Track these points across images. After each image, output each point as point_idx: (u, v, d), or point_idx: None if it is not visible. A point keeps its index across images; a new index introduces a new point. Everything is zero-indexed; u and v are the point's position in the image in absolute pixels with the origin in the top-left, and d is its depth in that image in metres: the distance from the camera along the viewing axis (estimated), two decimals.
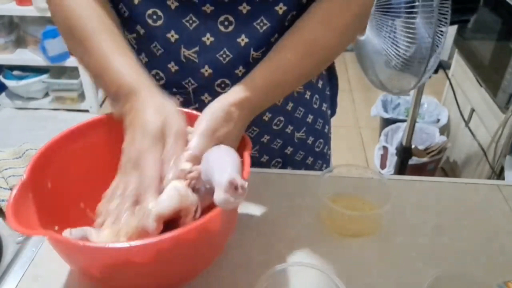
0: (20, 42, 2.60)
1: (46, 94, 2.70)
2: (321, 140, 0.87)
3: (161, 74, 0.72)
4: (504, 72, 1.55)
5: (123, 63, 0.61)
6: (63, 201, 0.57)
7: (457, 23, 1.38)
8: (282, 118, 0.78)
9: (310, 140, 0.84)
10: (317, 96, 0.82)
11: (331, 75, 0.87)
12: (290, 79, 0.66)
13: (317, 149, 0.87)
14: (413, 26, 1.14)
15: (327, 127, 0.88)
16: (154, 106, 0.57)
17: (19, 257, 0.63)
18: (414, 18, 1.14)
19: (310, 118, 0.82)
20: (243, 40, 0.67)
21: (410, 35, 1.15)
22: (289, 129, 0.80)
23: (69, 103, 2.67)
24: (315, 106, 0.82)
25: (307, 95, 0.80)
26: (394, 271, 0.62)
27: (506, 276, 0.59)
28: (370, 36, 1.24)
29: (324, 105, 0.85)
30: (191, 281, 0.57)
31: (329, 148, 0.91)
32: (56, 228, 0.53)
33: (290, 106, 0.78)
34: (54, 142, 0.58)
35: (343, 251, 0.65)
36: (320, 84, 0.82)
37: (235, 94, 0.61)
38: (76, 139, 0.61)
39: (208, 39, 0.67)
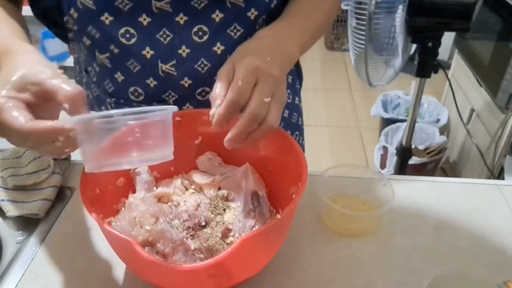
0: None
1: None
2: (297, 133, 0.89)
3: (140, 90, 0.71)
4: (504, 72, 1.55)
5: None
6: (106, 201, 0.62)
7: (454, 31, 1.38)
8: None
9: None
10: (289, 90, 0.83)
11: (299, 69, 0.88)
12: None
13: None
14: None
15: (300, 119, 0.90)
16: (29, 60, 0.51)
17: (19, 257, 0.63)
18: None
19: (286, 113, 0.83)
20: (219, 48, 0.68)
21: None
22: None
23: None
24: (289, 100, 0.83)
25: None
26: (394, 271, 0.62)
27: (506, 276, 0.59)
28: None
29: (296, 98, 0.87)
30: None
31: (303, 140, 0.93)
32: (101, 216, 0.55)
33: None
34: None
35: (343, 251, 0.65)
36: (290, 79, 0.83)
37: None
38: None
39: (184, 51, 0.67)
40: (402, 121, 2.18)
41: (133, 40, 0.66)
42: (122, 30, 0.65)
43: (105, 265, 0.62)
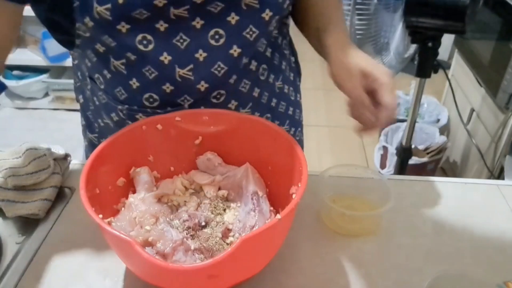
0: (20, 42, 2.60)
1: (46, 94, 2.70)
2: (299, 129, 0.90)
3: (155, 97, 0.70)
4: (504, 72, 1.55)
5: None
6: (106, 201, 0.61)
7: (449, 33, 1.37)
8: (269, 115, 0.80)
9: (292, 131, 0.86)
10: (291, 88, 0.84)
11: (298, 67, 0.89)
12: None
13: (297, 138, 0.89)
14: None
15: (301, 116, 0.91)
16: None
17: (19, 257, 0.63)
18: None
19: (290, 110, 0.84)
20: (235, 51, 0.68)
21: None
22: (273, 102, 0.81)
23: (68, 103, 2.67)
24: (292, 98, 0.84)
25: (286, 89, 0.82)
26: (394, 271, 0.62)
27: (506, 276, 0.59)
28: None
29: (298, 95, 0.88)
30: None
31: (302, 135, 0.94)
32: (101, 216, 0.54)
33: (274, 102, 0.80)
34: (94, 160, 0.59)
35: (343, 251, 0.65)
36: (291, 77, 0.84)
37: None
38: (106, 159, 0.61)
39: (201, 55, 0.67)
40: (402, 121, 2.18)
41: (150, 47, 0.65)
42: (139, 37, 0.64)
43: (105, 265, 0.62)
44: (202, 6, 0.63)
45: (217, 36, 0.66)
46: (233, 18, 0.65)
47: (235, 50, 0.68)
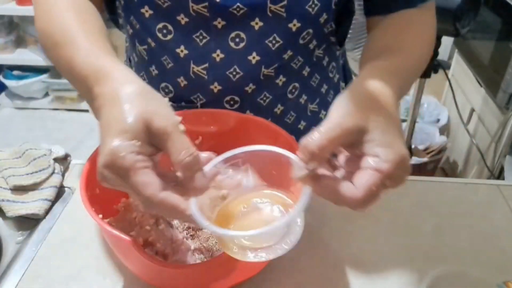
0: (20, 42, 2.60)
1: (46, 94, 2.70)
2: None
3: (170, 88, 0.71)
4: (504, 72, 1.55)
5: (90, 49, 0.50)
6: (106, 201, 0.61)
7: (445, 35, 1.37)
8: (293, 136, 0.77)
9: None
10: (332, 91, 0.80)
11: (347, 75, 0.85)
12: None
13: None
14: None
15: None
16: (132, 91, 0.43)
17: (19, 257, 0.63)
18: None
19: (322, 114, 0.80)
20: (254, 58, 0.66)
21: None
22: (302, 125, 0.78)
23: (69, 103, 2.67)
24: (329, 99, 0.80)
25: (322, 114, 0.79)
26: (394, 271, 0.62)
27: (506, 276, 0.59)
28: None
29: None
30: None
31: None
32: (101, 216, 0.54)
33: (302, 125, 0.77)
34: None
35: (343, 251, 0.65)
36: (336, 79, 0.80)
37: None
38: None
39: (218, 55, 0.66)
40: (402, 121, 2.18)
41: (169, 37, 0.66)
42: (160, 25, 0.65)
43: (105, 265, 0.62)
44: (222, 7, 0.62)
45: (237, 39, 0.65)
46: (256, 24, 0.64)
47: (253, 57, 0.66)
